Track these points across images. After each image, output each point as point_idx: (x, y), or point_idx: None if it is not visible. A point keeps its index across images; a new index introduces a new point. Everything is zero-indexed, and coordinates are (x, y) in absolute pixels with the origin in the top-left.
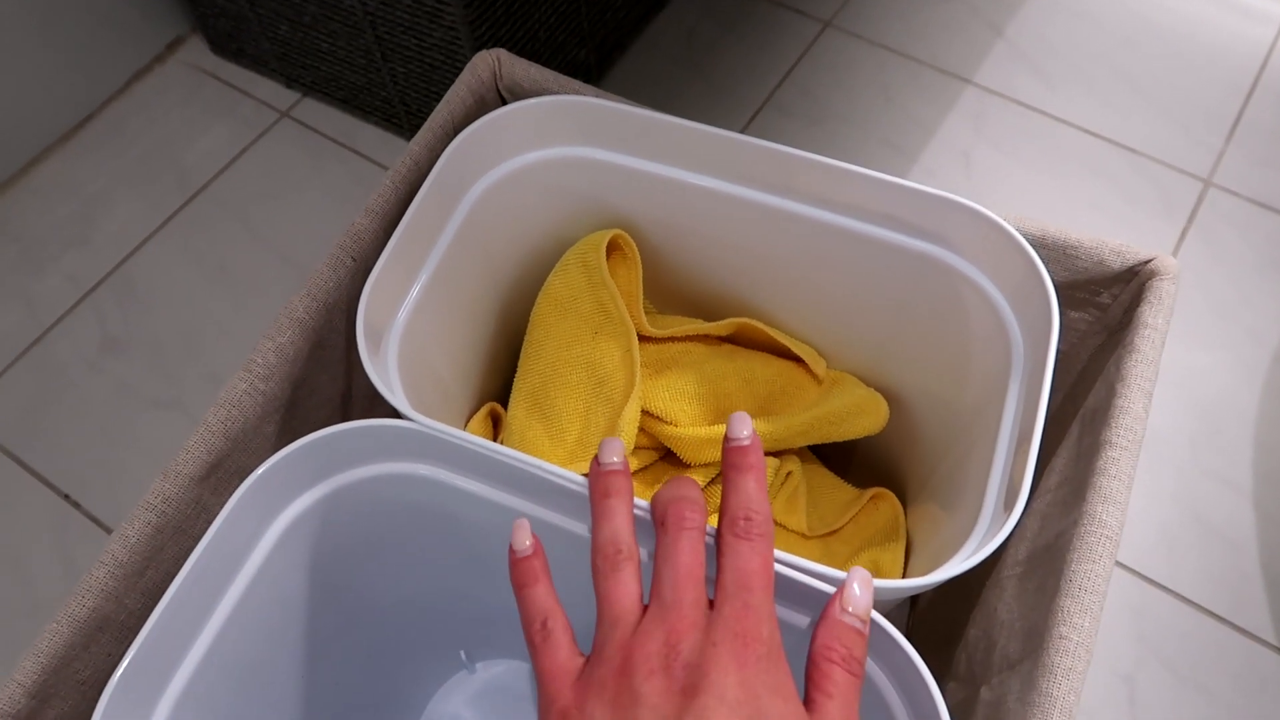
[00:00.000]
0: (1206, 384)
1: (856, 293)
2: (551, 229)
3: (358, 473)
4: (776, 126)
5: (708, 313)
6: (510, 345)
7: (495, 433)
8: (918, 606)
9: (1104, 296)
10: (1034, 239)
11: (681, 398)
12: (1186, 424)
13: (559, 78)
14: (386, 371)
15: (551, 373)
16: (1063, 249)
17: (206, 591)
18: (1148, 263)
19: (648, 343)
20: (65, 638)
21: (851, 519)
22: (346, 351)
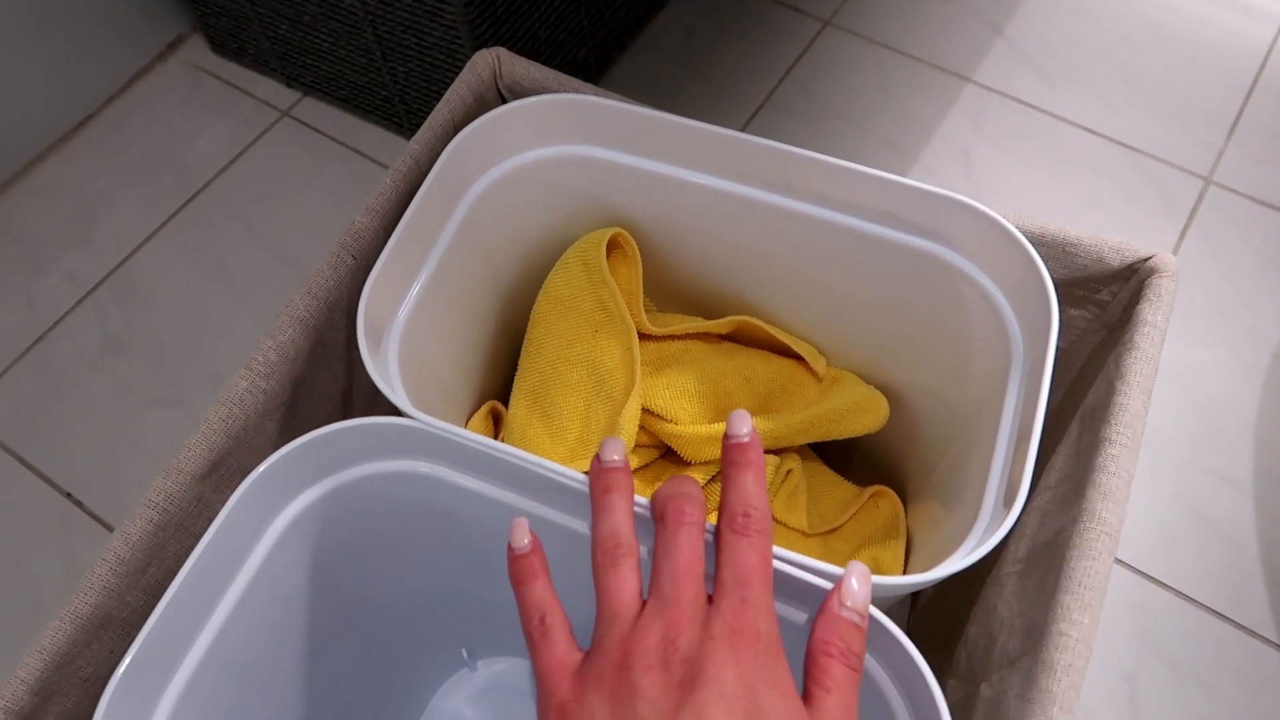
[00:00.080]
0: (1207, 382)
1: (856, 290)
2: (552, 227)
3: (358, 470)
4: (776, 125)
5: (708, 311)
6: (511, 343)
7: (496, 431)
8: (918, 604)
9: (1103, 294)
10: (1033, 237)
11: (682, 396)
12: (1186, 422)
13: (559, 76)
14: (387, 369)
15: (552, 371)
16: (1062, 246)
17: (208, 589)
18: (1147, 260)
19: (648, 341)
20: (68, 635)
21: (852, 517)
22: (347, 350)
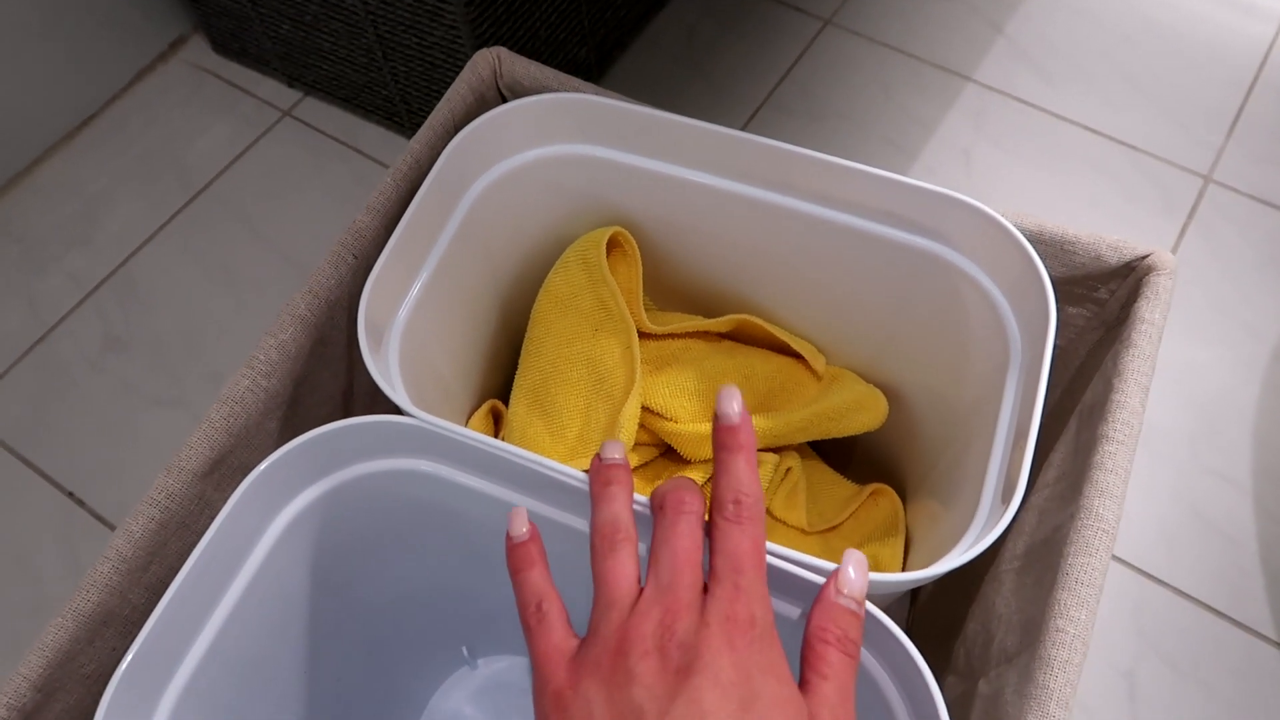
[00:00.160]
0: (1206, 380)
1: (855, 289)
2: (552, 226)
3: (359, 469)
4: (777, 124)
5: (707, 309)
6: (511, 342)
7: (496, 430)
8: (917, 602)
9: (1101, 292)
10: (1031, 235)
11: (681, 394)
12: (1185, 420)
13: (559, 76)
14: (388, 368)
15: (552, 369)
16: (1060, 245)
17: (209, 587)
18: (1144, 258)
19: (648, 339)
20: (70, 632)
21: (851, 515)
22: (348, 348)
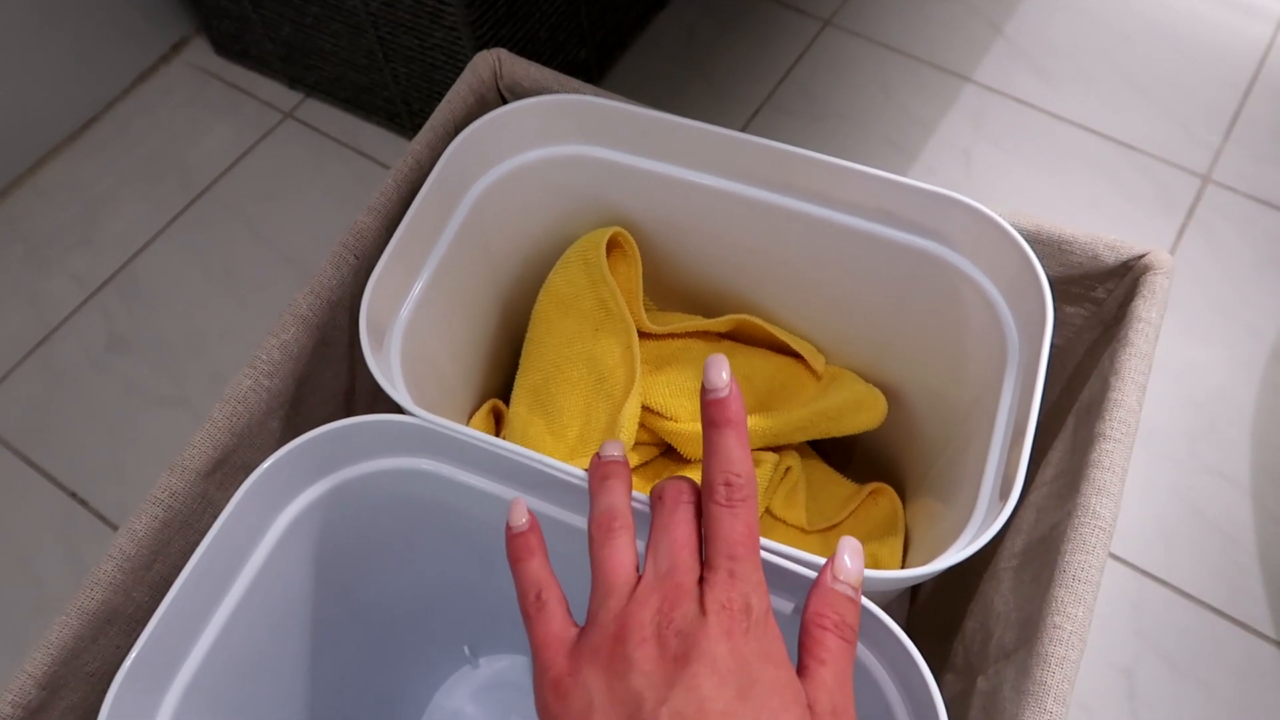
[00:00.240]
0: (1204, 379)
1: (854, 289)
2: (552, 227)
3: (361, 468)
4: (777, 125)
5: (707, 309)
6: (512, 342)
7: (497, 429)
8: (917, 601)
9: (1099, 291)
10: (1029, 234)
11: (681, 393)
12: (1184, 419)
13: (559, 77)
14: (389, 368)
15: (553, 369)
16: (1057, 244)
17: (212, 585)
18: (1141, 257)
19: (648, 339)
20: (74, 630)
21: (851, 514)
22: (350, 348)
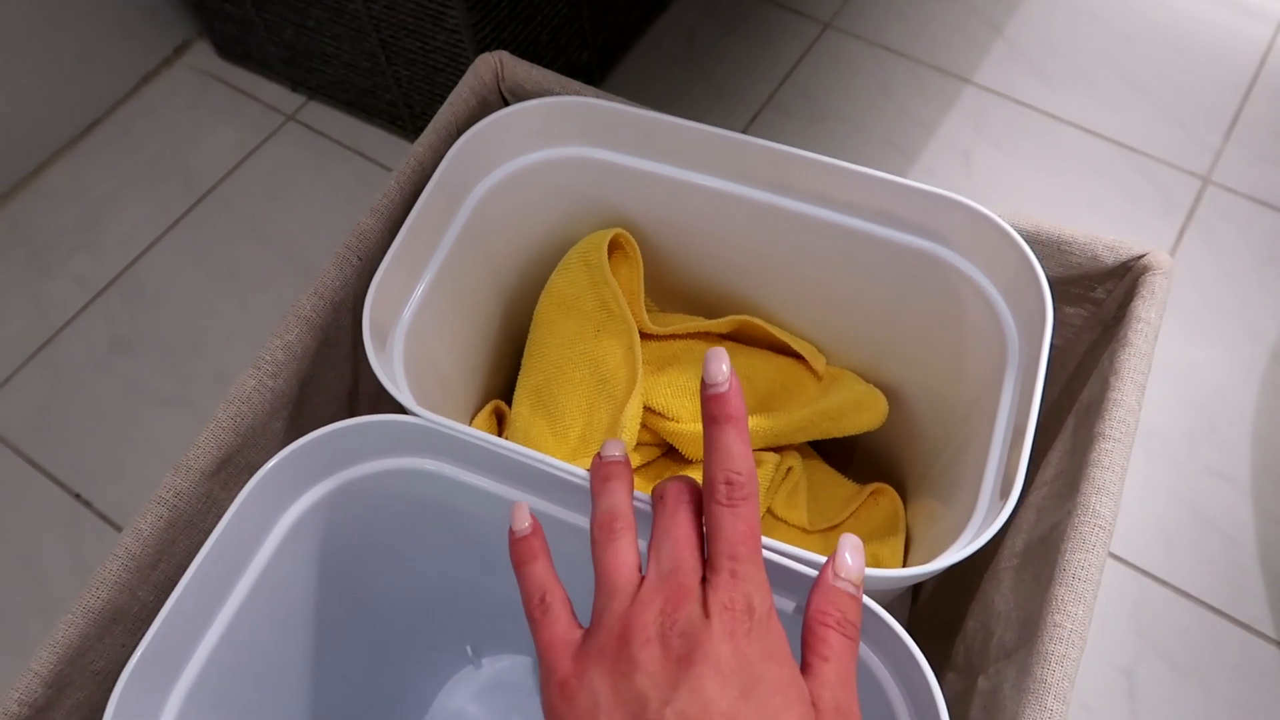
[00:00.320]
0: (1204, 380)
1: (855, 289)
2: (554, 228)
3: (364, 468)
4: (777, 126)
5: (708, 310)
6: (514, 343)
7: (499, 430)
8: (918, 601)
9: (1098, 292)
10: (1028, 235)
11: (683, 394)
12: (1184, 420)
13: (561, 79)
14: (392, 368)
15: (555, 370)
16: (1057, 245)
17: (217, 584)
18: (1141, 258)
19: (649, 340)
20: (80, 629)
21: (852, 514)
22: (353, 349)
